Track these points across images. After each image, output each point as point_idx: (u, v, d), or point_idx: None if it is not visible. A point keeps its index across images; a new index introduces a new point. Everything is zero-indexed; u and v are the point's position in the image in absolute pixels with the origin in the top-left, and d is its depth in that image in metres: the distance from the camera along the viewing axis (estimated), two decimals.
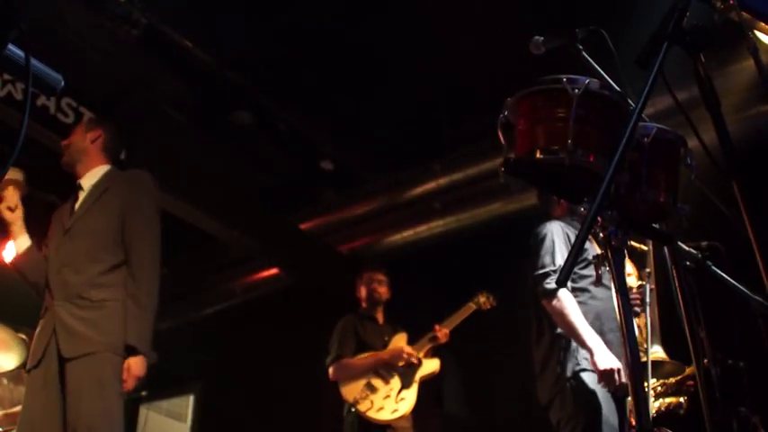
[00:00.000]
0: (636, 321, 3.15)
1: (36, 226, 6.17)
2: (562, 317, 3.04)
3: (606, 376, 2.89)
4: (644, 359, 2.97)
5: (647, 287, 3.16)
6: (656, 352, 3.40)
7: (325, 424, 5.18)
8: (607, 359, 2.90)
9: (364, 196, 6.07)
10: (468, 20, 4.50)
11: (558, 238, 3.23)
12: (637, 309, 3.16)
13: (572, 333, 3.04)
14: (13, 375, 4.78)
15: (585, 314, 3.06)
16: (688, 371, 3.59)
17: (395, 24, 4.62)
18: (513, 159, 1.79)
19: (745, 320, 2.01)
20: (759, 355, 2.27)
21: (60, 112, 4.80)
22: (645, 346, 3.18)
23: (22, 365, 4.77)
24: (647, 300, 3.16)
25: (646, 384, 2.85)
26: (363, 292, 5.13)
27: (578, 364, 3.07)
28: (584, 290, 3.17)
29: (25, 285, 3.38)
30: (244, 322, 7.02)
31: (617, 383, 2.86)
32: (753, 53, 1.85)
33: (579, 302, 3.09)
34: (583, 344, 3.00)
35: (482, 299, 5.13)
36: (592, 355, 2.94)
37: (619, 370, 2.86)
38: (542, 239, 3.24)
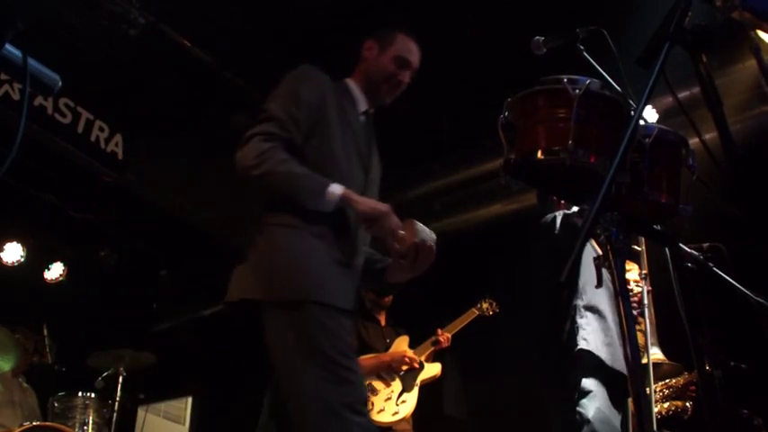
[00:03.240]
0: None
1: (34, 225, 6.18)
2: None
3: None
4: (644, 361, 2.96)
5: (644, 289, 3.16)
6: (654, 354, 3.40)
7: None
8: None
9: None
10: (468, 19, 4.48)
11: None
12: (634, 312, 3.14)
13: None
14: (9, 376, 4.76)
15: (605, 332, 3.03)
16: (689, 376, 3.60)
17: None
18: (514, 160, 1.78)
19: (748, 322, 1.99)
20: (762, 356, 2.26)
21: (58, 113, 4.79)
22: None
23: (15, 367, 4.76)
24: (645, 301, 3.16)
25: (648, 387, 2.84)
26: (368, 293, 5.12)
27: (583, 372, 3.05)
28: (594, 309, 3.14)
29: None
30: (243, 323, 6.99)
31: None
32: (755, 52, 1.84)
33: (596, 321, 3.06)
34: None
35: (485, 305, 5.14)
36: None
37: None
38: (553, 218, 3.24)
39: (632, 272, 3.32)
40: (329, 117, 2.45)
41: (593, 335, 3.03)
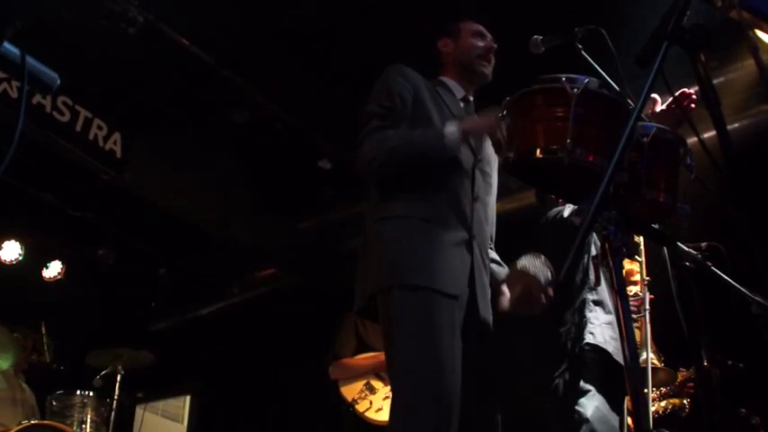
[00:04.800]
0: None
1: (33, 224, 6.18)
2: None
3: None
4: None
5: (647, 295, 3.17)
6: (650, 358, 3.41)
7: (323, 424, 5.17)
8: None
9: (363, 195, 6.03)
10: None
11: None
12: (633, 315, 3.15)
13: None
14: (8, 375, 4.75)
15: (612, 326, 3.03)
16: (687, 373, 3.60)
17: (394, 23, 4.61)
18: (512, 159, 1.78)
19: (746, 321, 2.00)
20: (759, 356, 2.26)
21: (56, 111, 4.79)
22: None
23: (15, 365, 4.76)
24: (647, 306, 3.17)
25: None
26: None
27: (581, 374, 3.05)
28: (602, 303, 3.14)
29: None
30: (241, 322, 7.01)
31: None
32: (753, 52, 1.83)
33: (604, 315, 3.06)
34: None
35: None
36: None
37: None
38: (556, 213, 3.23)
39: (639, 275, 3.32)
40: (425, 101, 2.53)
41: (599, 328, 3.03)
